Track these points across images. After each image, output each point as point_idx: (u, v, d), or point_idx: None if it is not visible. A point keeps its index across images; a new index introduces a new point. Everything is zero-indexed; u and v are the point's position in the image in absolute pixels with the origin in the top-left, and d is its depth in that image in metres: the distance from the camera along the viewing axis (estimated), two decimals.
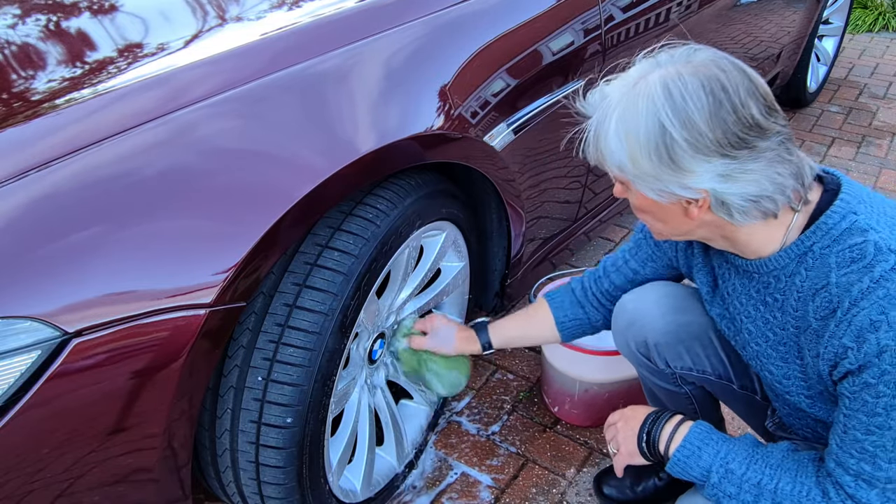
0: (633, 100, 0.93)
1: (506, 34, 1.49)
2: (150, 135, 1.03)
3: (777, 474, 1.03)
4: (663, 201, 0.96)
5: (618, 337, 1.38)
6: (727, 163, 0.90)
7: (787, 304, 1.03)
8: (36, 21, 1.47)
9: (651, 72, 0.94)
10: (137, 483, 1.03)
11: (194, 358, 1.01)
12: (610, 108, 0.95)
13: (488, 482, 1.67)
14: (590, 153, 1.01)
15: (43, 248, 0.92)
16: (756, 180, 0.91)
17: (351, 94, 1.21)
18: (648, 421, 1.20)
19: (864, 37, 4.70)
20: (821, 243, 0.97)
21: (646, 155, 0.92)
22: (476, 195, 1.64)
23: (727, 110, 0.89)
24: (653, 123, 0.91)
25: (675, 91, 0.90)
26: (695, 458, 1.10)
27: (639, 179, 0.95)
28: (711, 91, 0.90)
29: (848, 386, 0.94)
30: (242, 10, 1.45)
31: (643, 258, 1.34)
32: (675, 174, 0.92)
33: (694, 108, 0.89)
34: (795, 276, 1.00)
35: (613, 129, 0.94)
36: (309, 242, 1.22)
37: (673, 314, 1.29)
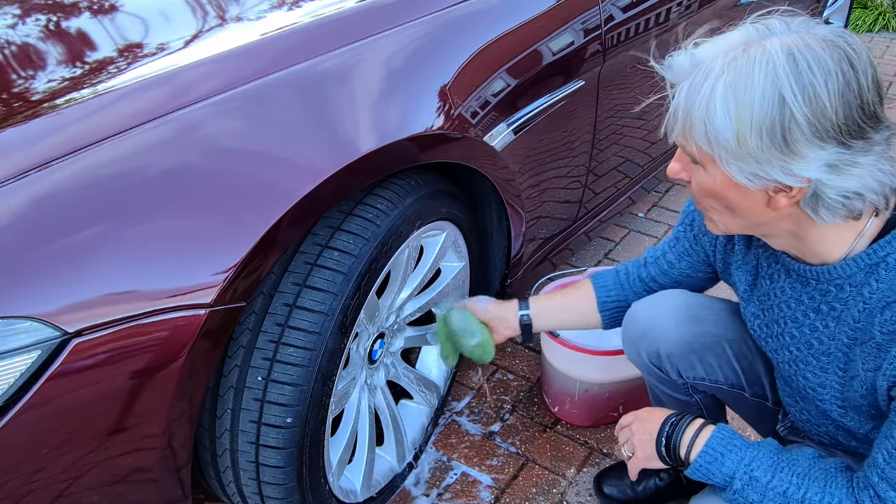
0: (746, 66, 0.82)
1: (506, 34, 1.49)
2: (151, 134, 1.03)
3: (805, 483, 0.99)
4: (751, 186, 0.86)
5: (628, 346, 1.35)
6: (840, 152, 0.82)
7: (847, 315, 0.97)
8: (36, 21, 1.47)
9: (767, 37, 0.83)
10: (137, 483, 1.03)
11: (194, 358, 1.01)
12: (711, 73, 0.84)
13: (488, 482, 1.67)
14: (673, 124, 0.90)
15: (43, 248, 0.92)
16: (860, 175, 0.83)
17: (351, 94, 1.21)
18: (668, 425, 1.15)
19: (864, 37, 4.70)
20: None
21: (756, 132, 0.81)
22: (476, 195, 1.64)
23: (854, 92, 0.81)
24: (772, 96, 0.80)
25: (802, 61, 0.80)
26: (717, 463, 1.06)
27: (734, 159, 0.85)
28: (841, 68, 0.80)
29: None
30: (242, 10, 1.45)
31: (681, 252, 1.29)
32: (783, 157, 0.82)
33: (822, 84, 0.80)
34: (864, 286, 0.93)
35: (720, 97, 0.82)
36: (309, 242, 1.22)
37: (687, 325, 1.26)
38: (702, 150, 0.89)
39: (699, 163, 0.91)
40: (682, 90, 0.88)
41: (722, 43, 0.87)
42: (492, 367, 2.01)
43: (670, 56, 0.91)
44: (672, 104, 0.90)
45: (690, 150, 0.91)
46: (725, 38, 0.88)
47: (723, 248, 1.21)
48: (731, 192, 0.91)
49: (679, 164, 0.97)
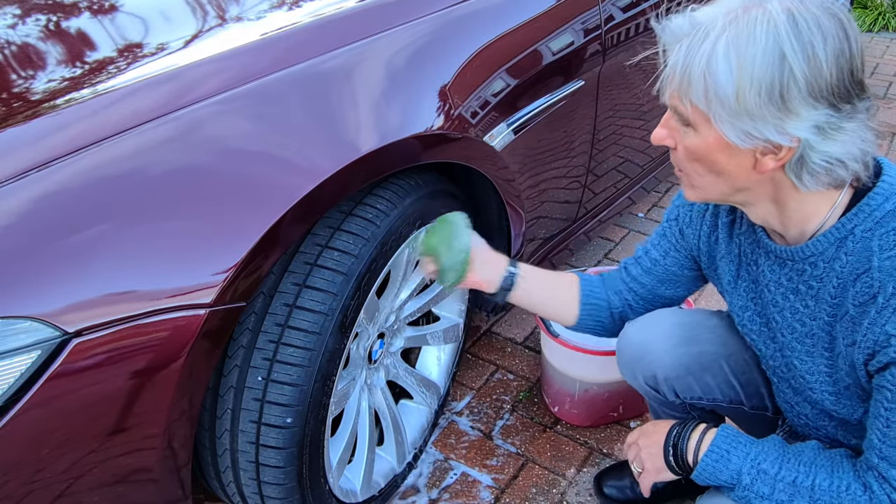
0: (748, 25, 0.83)
1: (506, 34, 1.49)
2: (151, 135, 1.03)
3: (812, 471, 1.00)
4: (742, 145, 0.87)
5: (625, 370, 1.35)
6: (830, 114, 0.84)
7: (824, 292, 0.98)
8: (36, 21, 1.47)
9: (766, 1, 0.85)
10: (137, 483, 1.03)
11: (194, 358, 1.01)
12: (712, 31, 0.85)
13: (488, 482, 1.67)
14: (668, 83, 0.91)
15: (43, 248, 0.92)
16: (844, 142, 0.86)
17: (350, 95, 1.21)
18: (673, 433, 1.16)
19: (864, 37, 4.70)
20: (863, 226, 0.93)
21: (756, 88, 0.83)
22: (476, 195, 1.64)
23: (846, 57, 0.83)
24: (773, 52, 0.82)
25: (802, 22, 0.82)
26: (724, 461, 1.07)
27: (730, 116, 0.86)
28: (837, 33, 0.83)
29: (889, 377, 0.90)
30: (242, 10, 1.45)
31: (666, 248, 1.28)
32: (779, 115, 0.84)
33: (820, 44, 0.82)
34: (835, 261, 0.95)
35: (722, 52, 0.84)
36: (309, 242, 1.22)
37: (683, 346, 1.25)
38: (696, 109, 0.89)
39: (691, 124, 0.92)
40: (682, 47, 0.88)
41: (721, 6, 0.88)
42: (492, 367, 2.01)
43: (667, 19, 0.92)
44: (670, 62, 0.90)
45: (684, 111, 0.91)
46: (725, 3, 0.88)
47: (706, 240, 1.21)
48: (719, 154, 0.91)
49: (665, 129, 0.97)
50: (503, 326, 2.16)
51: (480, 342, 2.10)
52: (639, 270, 1.31)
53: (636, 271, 1.31)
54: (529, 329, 2.15)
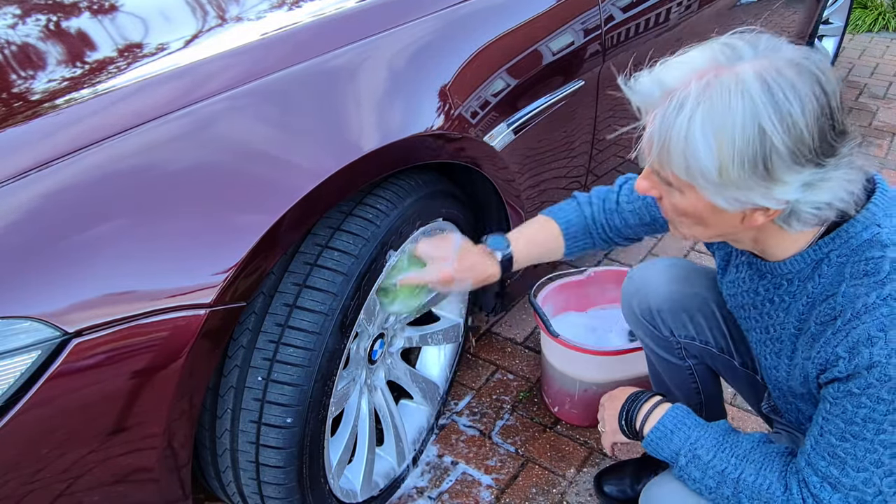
0: (722, 97, 0.81)
1: (506, 34, 1.49)
2: (150, 135, 1.03)
3: (742, 465, 1.04)
4: (731, 209, 0.87)
5: (624, 305, 1.43)
6: (815, 172, 0.83)
7: (794, 308, 1.02)
8: (35, 21, 1.47)
9: (736, 62, 0.83)
10: (137, 483, 1.03)
11: (194, 358, 1.01)
12: (686, 103, 0.82)
13: (488, 482, 1.67)
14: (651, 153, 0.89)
15: (43, 248, 0.92)
16: (832, 188, 0.84)
17: (350, 95, 1.21)
18: (629, 400, 1.22)
19: (864, 37, 4.70)
20: (838, 251, 0.94)
21: (738, 163, 0.81)
22: (476, 195, 1.64)
23: (826, 115, 0.82)
24: (752, 127, 0.80)
25: (777, 89, 0.80)
26: (666, 440, 1.12)
27: (715, 187, 0.85)
28: (814, 93, 0.81)
29: (832, 391, 0.94)
30: (242, 10, 1.45)
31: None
32: (765, 184, 0.83)
33: (798, 110, 0.80)
34: (809, 281, 0.98)
35: (699, 130, 0.81)
36: (309, 242, 1.22)
37: (677, 283, 1.33)
38: (678, 178, 0.88)
39: (674, 187, 0.91)
40: (656, 119, 0.86)
41: (688, 67, 0.85)
42: (492, 367, 2.01)
43: (634, 79, 0.89)
44: (646, 132, 0.88)
45: (666, 176, 0.90)
46: (692, 61, 0.86)
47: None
48: (707, 213, 0.92)
49: (648, 182, 0.96)
50: (503, 326, 2.16)
51: (480, 342, 2.10)
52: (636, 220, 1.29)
53: (633, 220, 1.29)
54: (529, 329, 2.15)
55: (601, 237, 1.33)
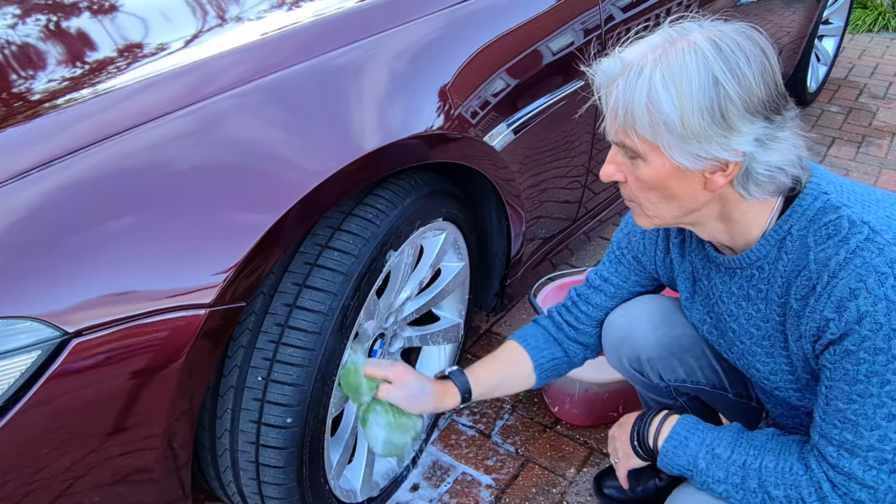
0: (677, 56, 0.89)
1: (506, 34, 1.49)
2: (149, 136, 1.03)
3: (761, 454, 1.04)
4: (693, 167, 0.92)
5: (610, 354, 1.38)
6: (766, 126, 0.90)
7: (772, 293, 1.04)
8: (35, 21, 1.47)
9: (685, 34, 0.92)
10: (137, 483, 1.03)
11: (194, 358, 1.01)
12: (645, 67, 0.91)
13: (488, 482, 1.67)
14: (614, 121, 0.95)
15: (43, 248, 0.92)
16: (782, 150, 0.92)
17: (350, 95, 1.21)
18: (637, 421, 1.22)
19: (864, 37, 4.70)
20: (798, 225, 0.99)
21: (698, 112, 0.88)
22: (476, 195, 1.64)
23: (769, 73, 0.90)
24: (706, 78, 0.88)
25: (725, 47, 0.89)
26: (682, 447, 1.11)
27: (678, 141, 0.91)
28: (755, 51, 0.90)
29: (829, 356, 0.96)
30: (242, 10, 1.45)
31: (625, 274, 1.33)
32: (723, 133, 0.90)
33: (745, 64, 0.89)
34: (778, 261, 1.01)
35: (660, 84, 0.89)
36: (309, 242, 1.22)
37: (664, 327, 1.29)
38: (644, 140, 0.94)
39: (639, 156, 0.96)
40: (619, 87, 0.93)
41: (645, 44, 0.94)
42: None
43: (597, 62, 0.97)
44: (611, 101, 0.95)
45: (631, 144, 0.95)
46: (647, 41, 0.94)
47: (663, 263, 1.26)
48: (671, 180, 0.96)
49: (613, 165, 1.01)
50: (503, 326, 2.16)
51: (480, 342, 2.10)
52: (601, 297, 1.35)
53: (598, 299, 1.35)
54: None
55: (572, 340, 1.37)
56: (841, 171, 3.09)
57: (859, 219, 0.95)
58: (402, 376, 1.30)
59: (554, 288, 1.89)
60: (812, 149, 3.33)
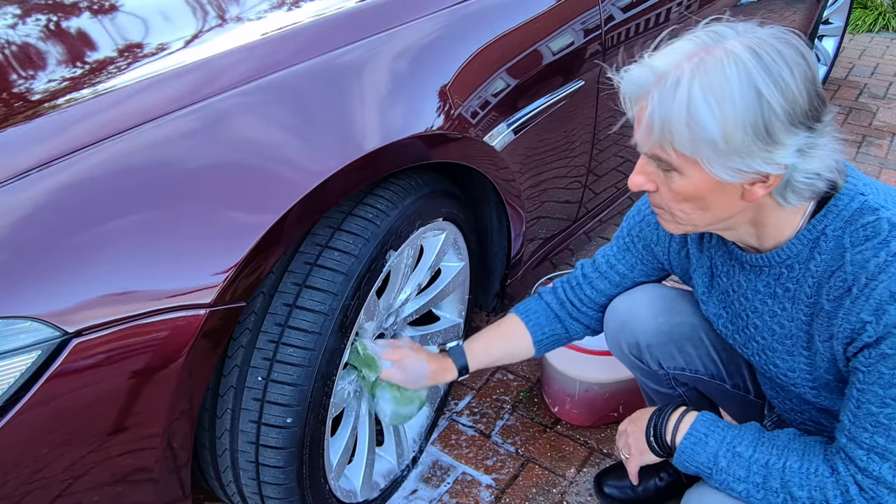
0: (716, 67, 0.84)
1: (506, 34, 1.49)
2: (149, 136, 1.03)
3: (784, 454, 1.03)
4: (734, 181, 0.88)
5: (610, 340, 1.38)
6: (808, 136, 0.87)
7: (801, 293, 1.02)
8: (36, 21, 1.47)
9: (721, 41, 0.87)
10: (137, 483, 1.03)
11: (194, 358, 1.01)
12: (682, 78, 0.85)
13: (488, 482, 1.66)
14: (652, 136, 0.90)
15: (43, 248, 0.92)
16: (821, 157, 0.89)
17: (349, 95, 1.21)
18: (654, 416, 1.21)
19: (864, 37, 4.70)
20: (833, 225, 0.96)
21: (741, 128, 0.84)
22: (476, 195, 1.64)
23: (811, 79, 0.86)
24: (749, 91, 0.83)
25: (766, 56, 0.84)
26: (701, 444, 1.10)
27: (719, 157, 0.86)
28: (797, 58, 0.86)
29: (863, 359, 0.94)
30: (242, 10, 1.45)
31: (632, 262, 1.32)
32: (766, 148, 0.85)
33: (788, 73, 0.84)
34: (810, 261, 0.99)
35: (700, 99, 0.84)
36: (309, 242, 1.22)
37: (664, 315, 1.30)
38: (681, 155, 0.90)
39: (676, 169, 0.92)
40: (654, 100, 0.88)
41: (678, 52, 0.89)
42: (491, 367, 2.01)
43: (626, 70, 0.92)
44: (645, 116, 0.90)
45: (667, 157, 0.91)
46: (680, 47, 0.89)
47: (677, 256, 1.25)
48: (708, 192, 0.93)
49: (643, 175, 0.98)
50: None
51: None
52: (606, 285, 1.36)
53: (603, 285, 1.36)
54: None
55: (573, 318, 1.39)
56: None
57: None
58: (402, 359, 1.35)
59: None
60: None
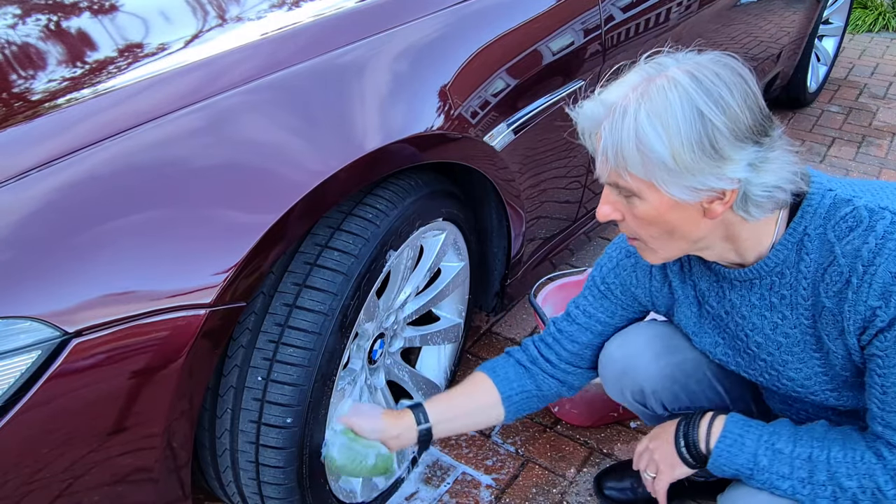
0: (660, 93, 0.89)
1: (506, 34, 1.49)
2: (149, 136, 1.03)
3: (826, 445, 1.03)
4: (691, 200, 0.92)
5: (611, 386, 1.34)
6: (756, 150, 0.91)
7: (798, 297, 1.02)
8: (36, 21, 1.47)
9: (663, 70, 0.92)
10: (137, 483, 1.03)
11: (194, 358, 1.01)
12: (628, 107, 0.90)
13: (488, 482, 1.66)
14: (608, 164, 0.95)
15: (43, 248, 0.92)
16: (775, 170, 0.92)
17: (350, 95, 1.21)
18: (681, 426, 1.18)
19: (864, 37, 4.70)
20: (813, 224, 0.99)
21: (688, 146, 0.88)
22: (476, 195, 1.64)
23: (751, 97, 0.91)
24: (691, 112, 0.88)
25: (704, 79, 0.89)
26: (738, 445, 1.09)
27: (672, 177, 0.91)
28: (735, 79, 0.90)
29: (879, 344, 0.95)
30: (243, 10, 1.45)
31: (612, 309, 1.29)
32: (715, 164, 0.89)
33: (727, 93, 0.89)
34: (800, 263, 1.01)
35: (647, 124, 0.89)
36: (309, 242, 1.22)
37: (665, 356, 1.27)
38: (637, 179, 0.94)
39: (635, 194, 0.96)
40: (605, 131, 0.93)
41: (625, 84, 0.94)
42: None
43: (579, 106, 0.98)
44: (600, 146, 0.95)
45: (626, 184, 0.95)
46: (626, 80, 0.94)
47: (660, 293, 1.23)
48: (670, 214, 0.96)
49: (609, 205, 1.01)
50: (503, 326, 2.16)
51: (480, 342, 2.10)
52: (588, 336, 1.31)
53: (584, 338, 1.31)
54: (529, 329, 2.15)
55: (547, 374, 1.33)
56: (841, 171, 3.09)
57: (876, 205, 0.96)
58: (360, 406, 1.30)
59: (554, 288, 1.89)
60: (812, 149, 3.34)
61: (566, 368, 1.33)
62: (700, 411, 1.18)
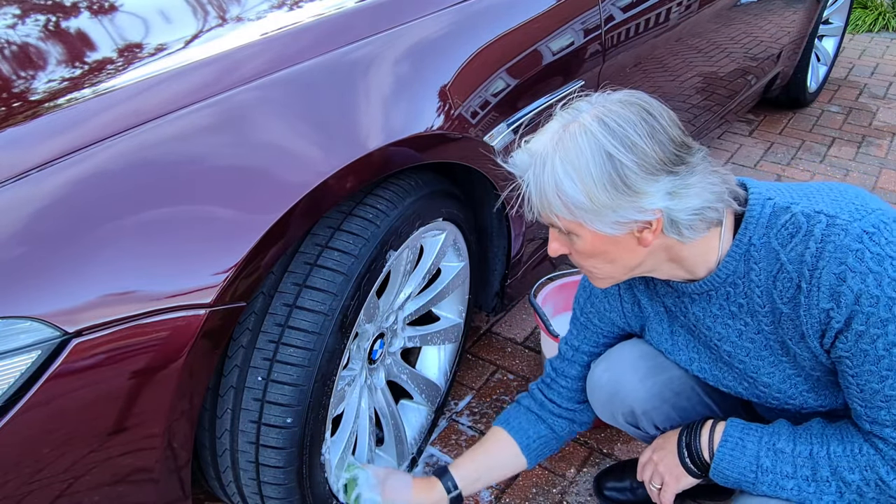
0: (571, 140, 0.95)
1: (506, 34, 1.49)
2: (148, 136, 1.03)
3: (825, 441, 1.04)
4: (619, 233, 0.98)
5: (601, 410, 1.35)
6: (672, 179, 0.95)
7: (754, 304, 1.05)
8: (36, 21, 1.47)
9: (577, 116, 0.97)
10: (137, 483, 1.03)
11: (194, 358, 1.01)
12: (546, 156, 0.97)
13: None
14: (534, 208, 1.02)
15: (43, 248, 0.92)
16: (698, 193, 0.96)
17: (349, 96, 1.21)
18: (683, 435, 1.19)
19: (864, 37, 4.70)
20: (756, 234, 1.02)
21: (601, 187, 0.94)
22: (476, 195, 1.64)
23: (660, 131, 0.95)
24: (599, 155, 0.94)
25: (611, 122, 0.95)
26: (740, 448, 1.10)
27: (595, 216, 0.96)
28: (642, 117, 0.95)
29: (842, 345, 0.97)
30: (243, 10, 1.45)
31: (594, 339, 1.34)
32: (631, 199, 0.94)
33: (633, 132, 0.94)
34: (749, 273, 1.04)
35: (561, 171, 0.95)
36: (309, 242, 1.22)
37: (651, 376, 1.27)
38: (565, 220, 1.00)
39: (570, 232, 1.02)
40: (530, 179, 1.00)
41: (547, 133, 1.00)
42: (492, 367, 2.01)
43: (511, 156, 1.04)
44: (526, 193, 1.02)
45: (558, 224, 1.02)
46: (548, 128, 1.01)
47: (632, 313, 1.27)
48: (606, 246, 1.01)
49: (557, 242, 1.07)
50: (503, 326, 2.16)
51: (480, 342, 2.10)
52: (576, 369, 1.37)
53: (573, 371, 1.37)
54: (529, 329, 2.15)
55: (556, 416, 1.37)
56: (841, 170, 3.10)
57: (812, 210, 0.99)
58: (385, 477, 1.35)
59: (554, 288, 1.89)
60: (812, 149, 3.35)
61: (572, 407, 1.38)
62: (701, 420, 1.18)
